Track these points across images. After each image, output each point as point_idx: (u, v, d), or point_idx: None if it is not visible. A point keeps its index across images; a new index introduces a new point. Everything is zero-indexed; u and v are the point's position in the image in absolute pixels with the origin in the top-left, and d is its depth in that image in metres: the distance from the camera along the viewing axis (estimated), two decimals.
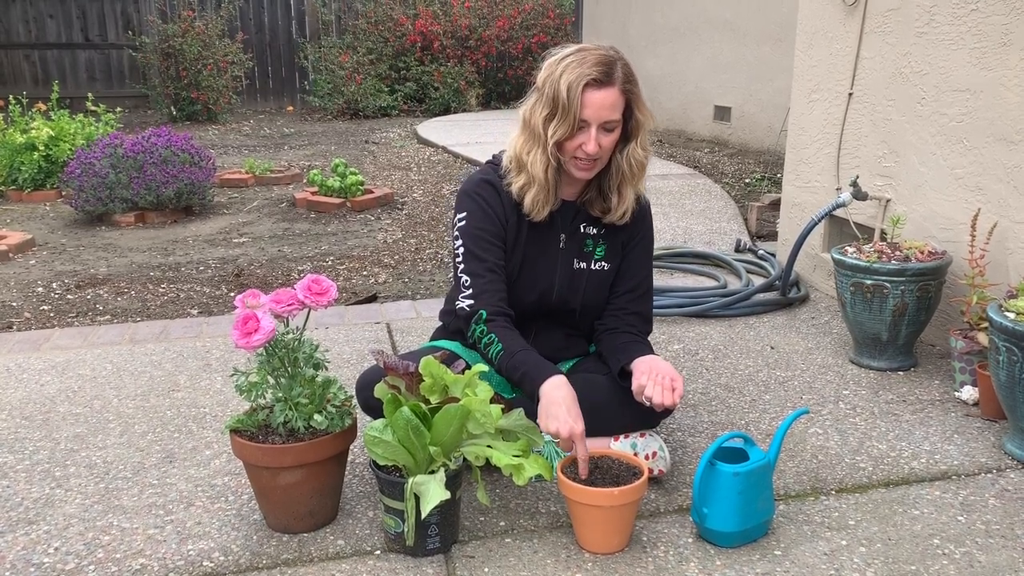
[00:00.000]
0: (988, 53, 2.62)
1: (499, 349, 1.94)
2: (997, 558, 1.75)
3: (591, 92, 1.89)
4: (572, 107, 1.88)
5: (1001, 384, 2.15)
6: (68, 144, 5.74)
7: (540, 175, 1.98)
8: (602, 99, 1.90)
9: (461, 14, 11.06)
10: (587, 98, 1.89)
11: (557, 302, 2.12)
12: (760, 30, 7.03)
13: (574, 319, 2.17)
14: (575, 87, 1.88)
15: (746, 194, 5.56)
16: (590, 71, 1.88)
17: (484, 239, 2.04)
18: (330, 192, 5.46)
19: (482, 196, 2.07)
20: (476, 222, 2.05)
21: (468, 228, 2.05)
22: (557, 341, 2.17)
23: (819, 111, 3.48)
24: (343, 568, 1.73)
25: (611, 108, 1.92)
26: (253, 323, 1.70)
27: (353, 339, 3.06)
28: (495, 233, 2.05)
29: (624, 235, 2.15)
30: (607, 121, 1.92)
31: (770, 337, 3.04)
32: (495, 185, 2.07)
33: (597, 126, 1.91)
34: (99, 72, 11.25)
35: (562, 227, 2.10)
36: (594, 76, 1.88)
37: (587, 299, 2.13)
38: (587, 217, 2.11)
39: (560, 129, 1.91)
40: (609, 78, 1.90)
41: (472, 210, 2.07)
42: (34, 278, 4.03)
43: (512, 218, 2.06)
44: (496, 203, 2.06)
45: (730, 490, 1.74)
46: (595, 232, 2.12)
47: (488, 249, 2.04)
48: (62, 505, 1.98)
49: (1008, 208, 2.59)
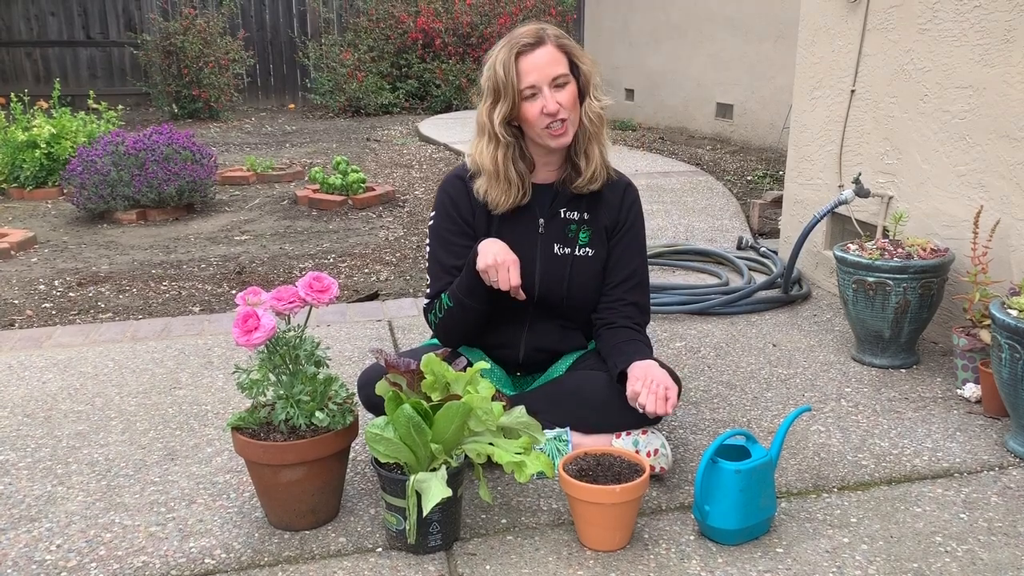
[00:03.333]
0: (991, 50, 2.62)
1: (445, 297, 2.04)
2: (999, 556, 1.75)
3: (525, 57, 1.95)
4: (509, 79, 1.93)
5: (1004, 381, 2.15)
6: (70, 142, 5.74)
7: (489, 165, 2.01)
8: (539, 58, 1.95)
9: (462, 11, 11.06)
10: (523, 64, 1.94)
11: (542, 290, 2.10)
12: (762, 27, 7.02)
13: (564, 310, 2.15)
14: (509, 61, 1.94)
15: (748, 191, 5.56)
16: (518, 40, 1.95)
17: (447, 239, 2.09)
18: (332, 190, 5.46)
19: (449, 194, 2.12)
20: (441, 222, 2.11)
21: (435, 227, 2.12)
22: (552, 334, 2.16)
23: (821, 108, 3.48)
24: (345, 566, 1.73)
25: (553, 63, 1.96)
26: (254, 321, 1.70)
27: (354, 337, 3.06)
28: (459, 231, 2.09)
29: (608, 219, 2.12)
30: (555, 77, 1.95)
31: (772, 334, 3.03)
32: (463, 178, 2.11)
33: (548, 86, 1.95)
34: (100, 70, 11.26)
35: (540, 211, 2.09)
36: (523, 42, 1.95)
37: (573, 286, 2.10)
38: (567, 200, 2.10)
39: (503, 108, 1.96)
40: (539, 39, 1.97)
41: (439, 210, 2.12)
42: (36, 276, 4.03)
43: (480, 210, 2.08)
44: (463, 199, 2.09)
45: (732, 487, 1.74)
46: (578, 217, 2.11)
47: (450, 249, 2.08)
48: (64, 502, 1.98)
49: (1011, 205, 2.58)
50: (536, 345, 2.15)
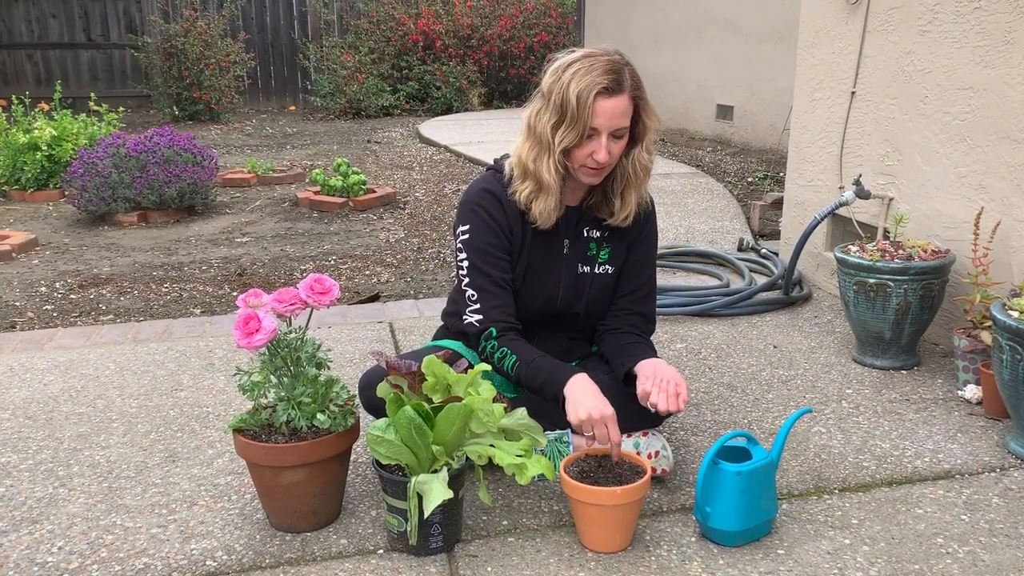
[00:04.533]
0: (991, 51, 2.62)
1: (514, 360, 1.95)
2: (1001, 557, 1.75)
3: (602, 101, 1.86)
4: (583, 116, 1.86)
5: (1005, 383, 2.15)
6: (71, 144, 5.75)
7: (551, 182, 1.95)
8: (613, 107, 1.88)
9: (463, 13, 11.06)
10: (598, 107, 1.86)
11: (562, 308, 2.11)
12: (762, 29, 7.02)
13: (577, 323, 2.16)
14: (585, 95, 1.85)
15: (749, 193, 5.56)
16: (600, 79, 1.86)
17: (489, 253, 2.02)
18: (332, 191, 5.47)
19: (485, 208, 2.04)
20: (481, 235, 2.03)
21: (472, 241, 2.03)
22: (560, 346, 2.16)
23: (822, 110, 3.48)
24: (346, 567, 1.73)
25: (622, 116, 1.90)
26: (255, 323, 1.70)
27: (356, 339, 3.06)
28: (500, 246, 2.03)
29: (630, 237, 2.14)
30: (617, 128, 1.91)
31: (773, 336, 3.03)
32: (497, 195, 2.04)
33: (607, 134, 1.90)
34: (101, 72, 11.27)
35: (565, 232, 2.09)
36: (605, 84, 1.86)
37: (591, 303, 2.13)
38: (590, 220, 2.10)
39: (568, 136, 1.89)
40: (619, 86, 1.88)
41: (476, 223, 2.03)
42: (37, 278, 4.04)
43: (517, 228, 2.04)
44: (500, 214, 2.03)
45: (733, 489, 1.74)
46: (599, 235, 2.11)
47: (494, 264, 2.02)
48: (65, 504, 1.98)
49: (1012, 206, 2.58)
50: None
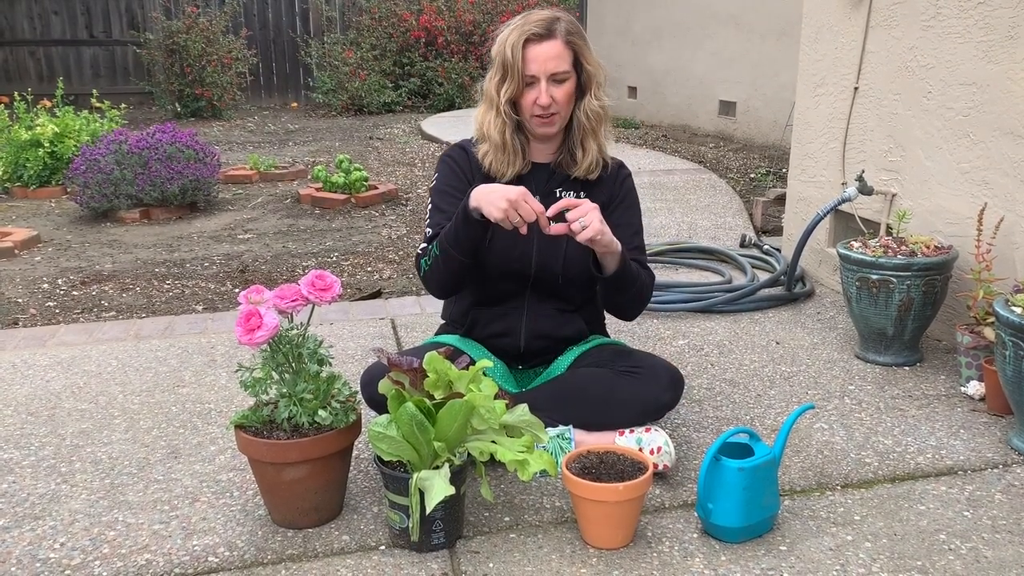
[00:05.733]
0: (995, 46, 2.61)
1: (433, 245, 2.03)
2: (1003, 553, 1.74)
3: (532, 46, 1.99)
4: (515, 63, 1.98)
5: (1008, 379, 2.14)
6: (73, 141, 5.75)
7: (496, 137, 2.07)
8: (544, 51, 1.99)
9: (465, 9, 11.04)
10: (528, 52, 1.99)
11: (538, 269, 2.11)
12: (765, 24, 7.01)
13: (559, 288, 2.15)
14: (517, 45, 1.98)
15: (751, 189, 5.55)
16: (530, 27, 1.99)
17: (449, 193, 2.13)
18: (334, 188, 5.46)
19: (452, 157, 2.19)
20: (444, 179, 2.16)
21: (438, 186, 2.17)
22: (551, 319, 2.16)
23: (825, 105, 3.47)
24: (348, 563, 1.73)
25: (555, 59, 2.00)
26: (256, 319, 1.70)
27: (357, 335, 3.06)
28: (460, 188, 2.11)
29: (603, 196, 2.13)
30: (554, 73, 2.00)
31: (775, 332, 3.03)
32: (465, 148, 2.19)
33: (546, 79, 2.00)
34: (104, 69, 11.26)
35: (535, 189, 2.08)
36: (534, 31, 1.99)
37: (569, 264, 2.11)
38: (562, 180, 2.14)
39: (510, 88, 2.01)
40: (550, 31, 2.00)
41: (443, 170, 2.18)
42: (39, 275, 4.04)
43: (479, 177, 2.12)
44: (464, 162, 2.17)
45: (735, 485, 1.74)
46: (572, 195, 2.12)
47: (452, 203, 2.09)
48: (68, 501, 1.98)
49: (1015, 202, 2.57)
50: (536, 332, 2.15)
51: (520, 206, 1.85)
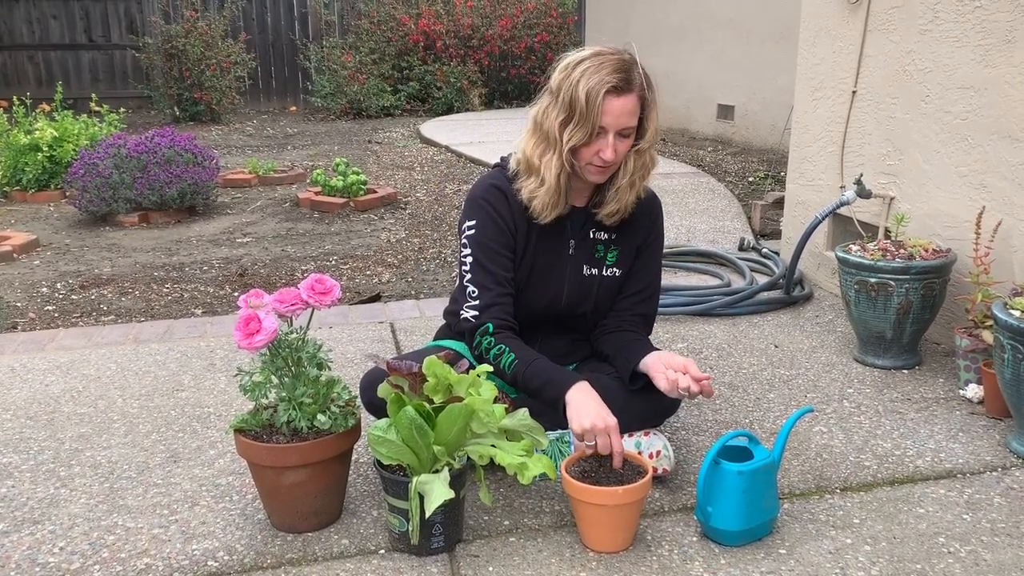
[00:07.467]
0: (992, 50, 2.61)
1: (512, 359, 1.93)
2: (1002, 556, 1.75)
3: (611, 99, 1.86)
4: (591, 114, 1.85)
5: (1006, 382, 2.14)
6: (72, 145, 5.75)
7: (552, 180, 1.94)
8: (621, 106, 1.87)
9: (464, 13, 11.06)
10: (607, 105, 1.86)
11: (565, 309, 2.11)
12: (763, 28, 7.02)
13: (582, 325, 2.16)
14: (595, 94, 1.84)
15: (750, 192, 5.56)
16: (610, 78, 1.85)
17: (493, 249, 2.01)
18: (333, 192, 5.47)
19: (491, 204, 2.03)
20: (485, 231, 2.02)
21: (477, 237, 2.02)
22: (562, 347, 2.16)
23: (823, 109, 3.48)
24: (347, 567, 1.73)
25: (630, 115, 1.90)
26: (255, 323, 1.70)
27: (357, 339, 3.06)
28: (504, 243, 2.02)
29: (638, 238, 2.12)
30: (624, 128, 1.90)
31: (774, 335, 3.03)
32: (504, 191, 2.03)
33: (614, 132, 1.89)
34: (102, 73, 11.27)
35: (571, 233, 2.08)
36: (614, 83, 1.85)
37: (599, 305, 2.12)
38: (597, 222, 2.08)
39: (577, 135, 1.88)
40: (629, 85, 1.88)
41: (481, 218, 2.02)
42: (38, 279, 4.04)
43: (522, 226, 2.03)
44: (505, 210, 2.02)
45: (734, 489, 1.74)
46: (606, 237, 2.09)
47: (496, 260, 2.01)
48: (67, 505, 1.98)
49: (1013, 206, 2.58)
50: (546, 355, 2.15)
51: (602, 437, 1.79)
